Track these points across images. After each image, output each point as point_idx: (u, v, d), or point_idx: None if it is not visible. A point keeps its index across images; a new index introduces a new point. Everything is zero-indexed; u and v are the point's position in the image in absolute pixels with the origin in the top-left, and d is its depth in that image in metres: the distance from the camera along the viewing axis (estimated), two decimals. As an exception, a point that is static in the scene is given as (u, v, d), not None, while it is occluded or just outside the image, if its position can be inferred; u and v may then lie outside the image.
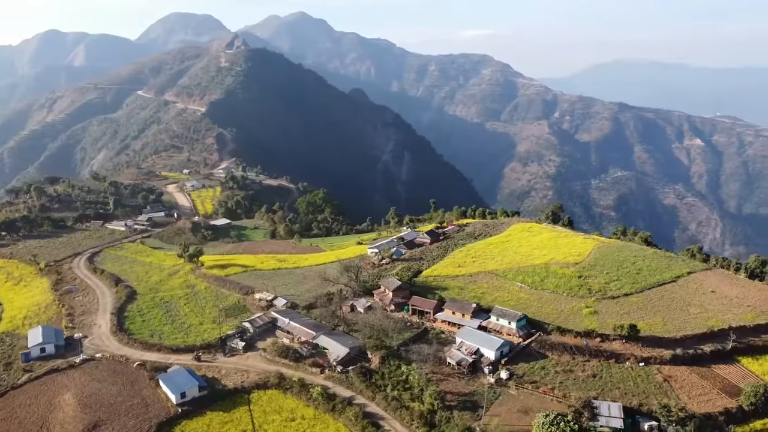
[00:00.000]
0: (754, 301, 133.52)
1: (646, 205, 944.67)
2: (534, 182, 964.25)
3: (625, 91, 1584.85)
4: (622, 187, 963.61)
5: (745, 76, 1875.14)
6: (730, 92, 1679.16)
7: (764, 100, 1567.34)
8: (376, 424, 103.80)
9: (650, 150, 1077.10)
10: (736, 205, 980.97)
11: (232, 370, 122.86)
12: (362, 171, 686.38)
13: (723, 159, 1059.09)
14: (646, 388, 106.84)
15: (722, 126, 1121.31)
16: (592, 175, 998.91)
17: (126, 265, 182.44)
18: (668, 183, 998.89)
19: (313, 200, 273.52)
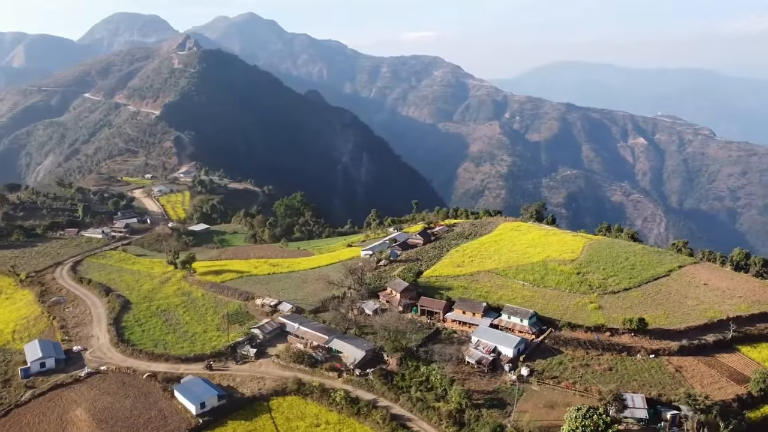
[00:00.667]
0: (744, 292, 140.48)
1: (594, 202, 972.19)
2: (487, 182, 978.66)
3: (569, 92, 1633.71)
4: (571, 185, 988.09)
5: (681, 77, 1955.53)
6: (667, 92, 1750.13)
7: (700, 100, 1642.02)
8: (404, 426, 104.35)
9: (597, 149, 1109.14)
10: (678, 200, 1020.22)
11: (247, 378, 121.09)
12: (322, 173, 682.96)
13: (665, 157, 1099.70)
14: (661, 379, 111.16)
15: (663, 125, 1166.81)
16: (543, 174, 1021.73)
17: (113, 274, 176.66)
18: (615, 180, 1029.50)
19: (292, 203, 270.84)
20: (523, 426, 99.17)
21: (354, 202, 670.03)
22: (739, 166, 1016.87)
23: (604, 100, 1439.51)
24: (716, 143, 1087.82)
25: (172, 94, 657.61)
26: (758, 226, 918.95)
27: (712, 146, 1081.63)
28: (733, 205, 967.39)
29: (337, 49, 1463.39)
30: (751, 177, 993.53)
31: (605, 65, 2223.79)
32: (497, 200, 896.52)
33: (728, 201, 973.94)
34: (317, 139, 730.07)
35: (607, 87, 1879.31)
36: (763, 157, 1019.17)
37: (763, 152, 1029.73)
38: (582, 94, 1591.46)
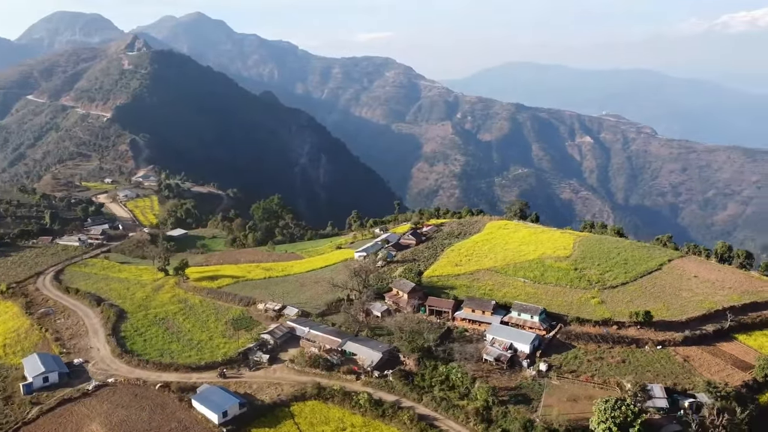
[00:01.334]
0: (732, 283, 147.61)
1: (545, 199, 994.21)
2: (441, 181, 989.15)
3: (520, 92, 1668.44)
4: (523, 184, 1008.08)
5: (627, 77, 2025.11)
6: (614, 92, 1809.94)
7: (644, 100, 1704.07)
8: (432, 425, 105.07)
9: (546, 148, 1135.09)
10: (623, 197, 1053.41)
11: (264, 384, 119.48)
12: (280, 175, 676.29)
13: (610, 155, 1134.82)
14: (672, 369, 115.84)
15: (608, 124, 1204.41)
16: (495, 173, 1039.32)
17: (100, 283, 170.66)
18: (564, 178, 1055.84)
19: (269, 206, 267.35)
20: (553, 420, 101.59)
21: (315, 203, 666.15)
22: (679, 162, 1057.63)
23: (553, 100, 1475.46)
24: (658, 141, 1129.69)
25: (123, 95, 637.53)
26: (698, 220, 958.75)
27: (654, 144, 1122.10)
28: (674, 201, 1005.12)
29: (288, 50, 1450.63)
30: (691, 173, 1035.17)
31: (556, 66, 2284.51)
32: (451, 199, 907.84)
33: (670, 196, 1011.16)
34: (274, 141, 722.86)
35: (557, 87, 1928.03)
36: (702, 154, 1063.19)
37: (701, 149, 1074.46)
38: (532, 94, 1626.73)
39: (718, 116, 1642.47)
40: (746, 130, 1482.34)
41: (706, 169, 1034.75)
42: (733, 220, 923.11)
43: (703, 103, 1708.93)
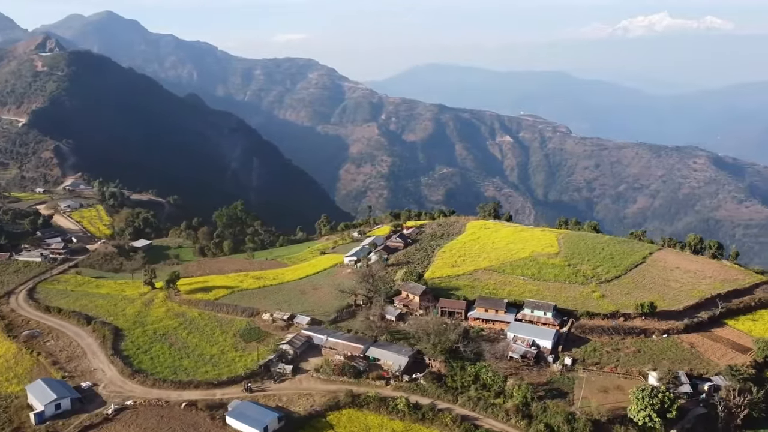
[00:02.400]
0: (711, 273, 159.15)
1: (470, 197, 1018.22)
2: (369, 182, 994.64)
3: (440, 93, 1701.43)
4: (449, 183, 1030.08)
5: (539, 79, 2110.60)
6: (527, 93, 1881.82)
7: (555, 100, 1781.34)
8: (474, 425, 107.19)
9: (469, 147, 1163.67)
10: (543, 193, 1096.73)
11: (294, 396, 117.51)
12: (212, 180, 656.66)
13: (529, 153, 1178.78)
14: (683, 355, 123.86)
15: (526, 123, 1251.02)
16: (422, 173, 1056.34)
17: (83, 300, 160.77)
18: (487, 177, 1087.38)
19: (233, 213, 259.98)
20: (593, 411, 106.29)
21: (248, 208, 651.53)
22: (592, 159, 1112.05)
23: (471, 101, 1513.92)
24: (573, 139, 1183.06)
25: (39, 99, 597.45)
26: (612, 213, 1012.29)
27: (569, 142, 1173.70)
28: (589, 195, 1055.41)
29: (206, 51, 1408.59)
30: (604, 169, 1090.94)
31: (473, 67, 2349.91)
32: (380, 200, 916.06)
33: (585, 192, 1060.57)
34: (204, 145, 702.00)
35: (475, 88, 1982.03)
36: (613, 150, 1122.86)
37: (612, 146, 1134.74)
38: (452, 95, 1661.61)
39: (622, 115, 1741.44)
40: (646, 128, 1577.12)
41: (617, 165, 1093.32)
42: (642, 212, 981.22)
43: (607, 103, 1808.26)
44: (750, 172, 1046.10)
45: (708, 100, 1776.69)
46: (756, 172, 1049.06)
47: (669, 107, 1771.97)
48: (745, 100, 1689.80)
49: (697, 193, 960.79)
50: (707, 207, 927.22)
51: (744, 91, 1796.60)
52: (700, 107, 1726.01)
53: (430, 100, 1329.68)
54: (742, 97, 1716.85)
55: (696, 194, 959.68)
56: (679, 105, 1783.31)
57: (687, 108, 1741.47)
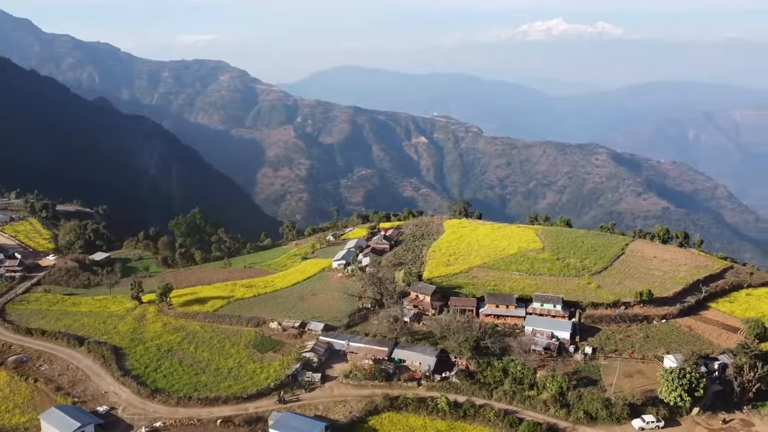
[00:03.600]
0: (685, 260, 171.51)
1: (389, 198, 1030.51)
2: (288, 186, 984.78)
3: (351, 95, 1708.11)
4: (367, 184, 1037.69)
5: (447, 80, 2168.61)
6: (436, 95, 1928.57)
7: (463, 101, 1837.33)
8: (517, 418, 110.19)
9: (385, 148, 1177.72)
10: (458, 192, 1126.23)
11: (330, 403, 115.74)
12: (129, 187, 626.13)
13: (444, 153, 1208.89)
14: (685, 338, 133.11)
15: (439, 124, 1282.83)
16: (341, 175, 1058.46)
17: (66, 319, 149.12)
18: (405, 177, 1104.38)
19: (192, 221, 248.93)
20: (627, 396, 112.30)
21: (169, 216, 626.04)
22: (504, 158, 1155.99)
23: (382, 103, 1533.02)
24: (484, 139, 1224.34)
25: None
26: (524, 209, 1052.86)
27: (481, 142, 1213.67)
28: (502, 193, 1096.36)
29: (108, 52, 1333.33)
30: (514, 167, 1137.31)
31: (381, 70, 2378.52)
32: (300, 203, 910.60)
33: (498, 189, 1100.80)
34: (118, 152, 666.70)
35: (384, 90, 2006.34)
36: (522, 149, 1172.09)
37: (521, 145, 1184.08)
38: (362, 97, 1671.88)
39: (526, 115, 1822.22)
40: (549, 128, 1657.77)
41: (526, 163, 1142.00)
42: (552, 207, 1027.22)
43: (513, 104, 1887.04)
44: (646, 167, 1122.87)
45: (604, 101, 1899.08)
46: (651, 167, 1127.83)
47: (569, 107, 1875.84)
48: (637, 100, 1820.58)
49: (600, 188, 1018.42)
50: (610, 200, 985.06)
51: (636, 92, 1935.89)
52: (596, 107, 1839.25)
53: (341, 102, 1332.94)
54: (634, 98, 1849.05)
55: (599, 189, 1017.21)
56: (578, 105, 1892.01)
57: (585, 108, 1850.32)
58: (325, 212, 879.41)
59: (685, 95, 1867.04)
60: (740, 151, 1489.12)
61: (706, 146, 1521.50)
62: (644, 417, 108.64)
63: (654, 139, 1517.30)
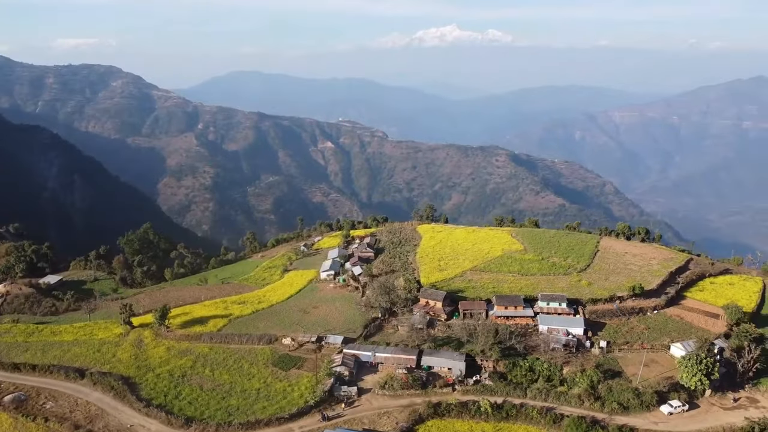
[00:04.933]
0: (652, 254, 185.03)
1: (299, 205, 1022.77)
2: (193, 195, 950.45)
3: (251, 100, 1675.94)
4: (276, 191, 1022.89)
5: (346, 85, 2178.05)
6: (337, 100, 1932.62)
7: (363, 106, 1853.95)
8: (559, 414, 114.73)
9: (292, 154, 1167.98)
10: (367, 195, 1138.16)
11: (374, 416, 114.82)
12: (26, 202, 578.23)
13: (351, 158, 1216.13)
14: (680, 326, 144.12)
15: (345, 129, 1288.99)
16: (248, 183, 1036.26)
17: (54, 351, 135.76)
18: (313, 183, 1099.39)
19: (144, 237, 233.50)
20: (653, 384, 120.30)
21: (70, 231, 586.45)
22: (409, 161, 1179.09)
23: (284, 108, 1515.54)
24: (390, 143, 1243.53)
25: None
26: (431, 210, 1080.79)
27: (387, 146, 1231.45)
28: (410, 195, 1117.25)
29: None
30: (420, 170, 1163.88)
31: (281, 75, 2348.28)
32: (206, 213, 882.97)
33: (405, 192, 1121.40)
34: (10, 165, 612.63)
35: (285, 95, 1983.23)
36: (427, 152, 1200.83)
37: (426, 149, 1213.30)
38: (263, 102, 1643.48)
39: (425, 119, 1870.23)
40: (447, 131, 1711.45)
41: (432, 165, 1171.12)
42: (458, 208, 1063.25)
43: (411, 108, 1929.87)
44: (541, 166, 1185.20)
45: (496, 104, 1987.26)
46: (546, 166, 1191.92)
47: (465, 111, 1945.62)
48: (526, 103, 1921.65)
49: (501, 188, 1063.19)
50: (511, 199, 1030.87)
51: (525, 95, 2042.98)
52: (490, 111, 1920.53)
53: (242, 107, 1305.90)
54: (524, 101, 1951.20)
55: (501, 189, 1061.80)
56: (473, 109, 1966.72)
57: (480, 111, 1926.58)
58: (233, 222, 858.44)
59: (568, 98, 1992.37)
60: (620, 149, 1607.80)
61: (590, 145, 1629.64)
62: (671, 402, 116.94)
63: (544, 140, 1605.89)
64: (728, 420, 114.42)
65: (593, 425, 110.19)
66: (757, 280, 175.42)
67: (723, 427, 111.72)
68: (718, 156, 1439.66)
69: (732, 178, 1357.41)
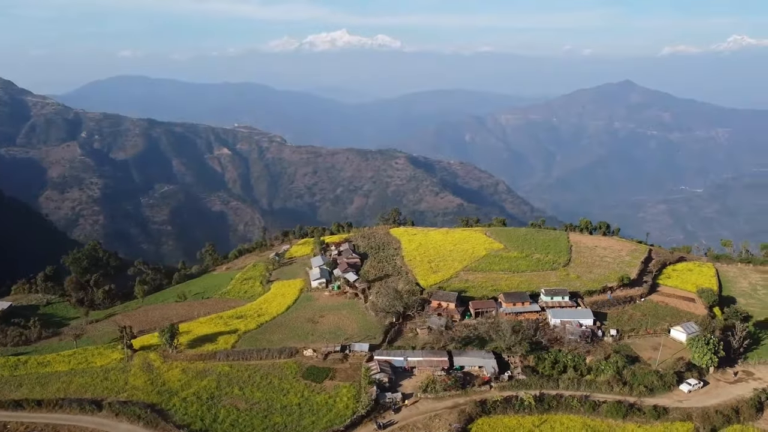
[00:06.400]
0: (619, 247, 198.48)
1: (197, 214, 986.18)
2: (80, 209, 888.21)
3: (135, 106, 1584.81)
4: (172, 201, 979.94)
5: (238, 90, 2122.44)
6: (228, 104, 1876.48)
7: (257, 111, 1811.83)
8: (594, 401, 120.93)
9: (186, 162, 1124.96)
10: (268, 202, 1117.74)
11: (425, 420, 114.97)
12: None
13: (249, 164, 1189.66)
14: (668, 311, 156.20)
15: (242, 135, 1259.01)
16: (141, 193, 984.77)
17: (55, 383, 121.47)
18: (211, 191, 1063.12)
19: (92, 254, 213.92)
20: (670, 365, 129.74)
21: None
22: (310, 166, 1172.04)
23: (173, 114, 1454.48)
24: (289, 148, 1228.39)
25: None
26: (333, 215, 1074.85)
27: (286, 151, 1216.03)
28: (312, 200, 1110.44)
29: None
30: (321, 175, 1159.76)
31: (168, 80, 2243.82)
32: (96, 227, 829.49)
33: (307, 197, 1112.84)
34: None
35: (174, 101, 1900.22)
36: (327, 157, 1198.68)
37: (326, 153, 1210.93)
38: (150, 108, 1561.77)
39: (320, 123, 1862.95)
40: (341, 134, 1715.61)
41: (332, 170, 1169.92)
42: (360, 211, 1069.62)
43: (305, 113, 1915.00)
44: (439, 168, 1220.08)
45: (389, 108, 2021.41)
46: (443, 168, 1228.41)
47: (359, 114, 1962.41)
48: (417, 107, 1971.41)
49: (402, 190, 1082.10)
50: (412, 201, 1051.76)
51: (416, 99, 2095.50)
52: (383, 114, 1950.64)
53: (128, 114, 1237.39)
54: (415, 105, 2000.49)
55: (401, 191, 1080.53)
56: (367, 113, 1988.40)
57: (373, 115, 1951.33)
58: (127, 235, 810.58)
59: (455, 101, 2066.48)
60: (508, 150, 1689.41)
61: (480, 146, 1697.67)
62: (689, 381, 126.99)
63: (437, 142, 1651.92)
64: (738, 392, 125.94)
65: (630, 408, 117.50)
66: (710, 266, 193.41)
67: (737, 400, 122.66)
68: (595, 154, 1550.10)
69: (607, 174, 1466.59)
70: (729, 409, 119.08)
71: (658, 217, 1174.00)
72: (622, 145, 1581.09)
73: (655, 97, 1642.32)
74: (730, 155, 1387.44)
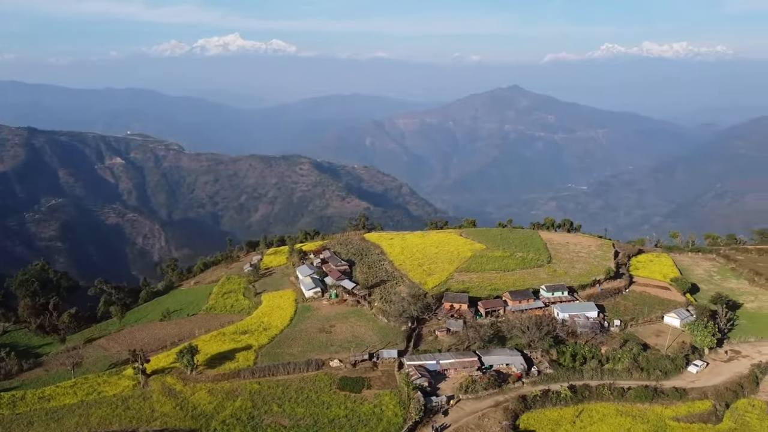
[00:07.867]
0: (587, 242, 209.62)
1: (91, 228, 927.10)
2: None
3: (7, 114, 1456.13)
4: (62, 215, 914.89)
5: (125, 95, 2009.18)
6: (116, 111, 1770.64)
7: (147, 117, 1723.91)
8: (620, 389, 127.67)
9: (75, 173, 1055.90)
10: (167, 213, 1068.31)
11: (475, 421, 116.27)
12: None
13: (145, 173, 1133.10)
14: (653, 300, 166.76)
15: (135, 143, 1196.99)
16: (24, 209, 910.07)
17: (71, 418, 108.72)
18: (105, 203, 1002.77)
19: (42, 275, 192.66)
20: (678, 351, 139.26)
21: None
22: (211, 174, 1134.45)
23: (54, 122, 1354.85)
24: (188, 156, 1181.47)
25: None
26: (238, 223, 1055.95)
27: (184, 159, 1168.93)
28: (214, 210, 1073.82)
29: None
30: (223, 183, 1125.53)
31: (46, 85, 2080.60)
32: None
33: (209, 206, 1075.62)
34: None
35: (54, 108, 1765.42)
36: (228, 164, 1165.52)
37: (227, 160, 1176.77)
38: (27, 115, 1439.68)
39: (214, 130, 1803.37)
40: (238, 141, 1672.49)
41: (234, 177, 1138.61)
42: (266, 219, 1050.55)
43: (198, 119, 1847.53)
44: (343, 173, 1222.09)
45: (287, 113, 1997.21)
46: (347, 172, 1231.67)
47: (256, 120, 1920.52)
48: (316, 112, 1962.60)
49: (308, 196, 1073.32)
50: (318, 206, 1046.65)
51: (313, 104, 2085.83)
52: (282, 120, 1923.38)
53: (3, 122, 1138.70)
54: (313, 110, 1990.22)
55: (307, 196, 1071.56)
56: (265, 118, 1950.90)
57: (272, 121, 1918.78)
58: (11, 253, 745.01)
59: (353, 106, 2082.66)
60: (407, 153, 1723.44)
61: (381, 150, 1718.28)
62: (695, 363, 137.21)
63: (339, 147, 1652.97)
64: (737, 370, 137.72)
65: (655, 392, 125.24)
66: (666, 256, 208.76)
67: (738, 376, 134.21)
68: (488, 156, 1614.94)
69: (500, 174, 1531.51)
70: (735, 384, 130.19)
71: (550, 213, 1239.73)
72: (513, 147, 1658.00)
73: (541, 101, 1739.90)
74: (608, 154, 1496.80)
